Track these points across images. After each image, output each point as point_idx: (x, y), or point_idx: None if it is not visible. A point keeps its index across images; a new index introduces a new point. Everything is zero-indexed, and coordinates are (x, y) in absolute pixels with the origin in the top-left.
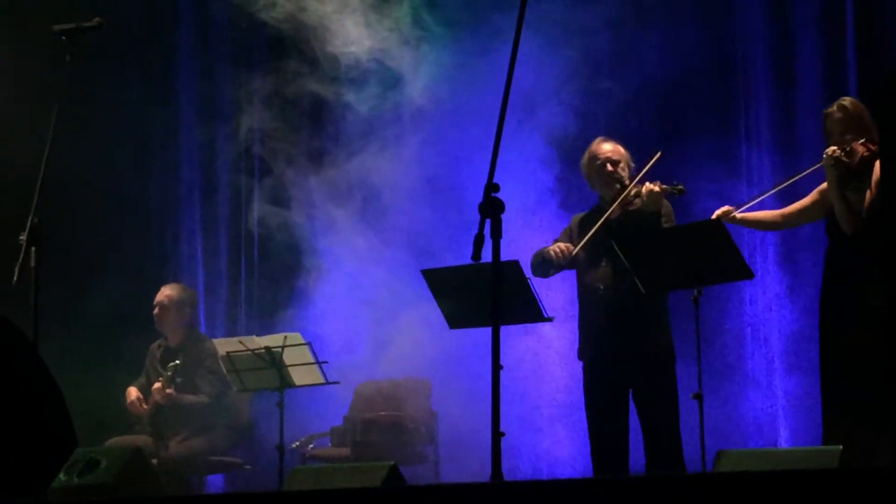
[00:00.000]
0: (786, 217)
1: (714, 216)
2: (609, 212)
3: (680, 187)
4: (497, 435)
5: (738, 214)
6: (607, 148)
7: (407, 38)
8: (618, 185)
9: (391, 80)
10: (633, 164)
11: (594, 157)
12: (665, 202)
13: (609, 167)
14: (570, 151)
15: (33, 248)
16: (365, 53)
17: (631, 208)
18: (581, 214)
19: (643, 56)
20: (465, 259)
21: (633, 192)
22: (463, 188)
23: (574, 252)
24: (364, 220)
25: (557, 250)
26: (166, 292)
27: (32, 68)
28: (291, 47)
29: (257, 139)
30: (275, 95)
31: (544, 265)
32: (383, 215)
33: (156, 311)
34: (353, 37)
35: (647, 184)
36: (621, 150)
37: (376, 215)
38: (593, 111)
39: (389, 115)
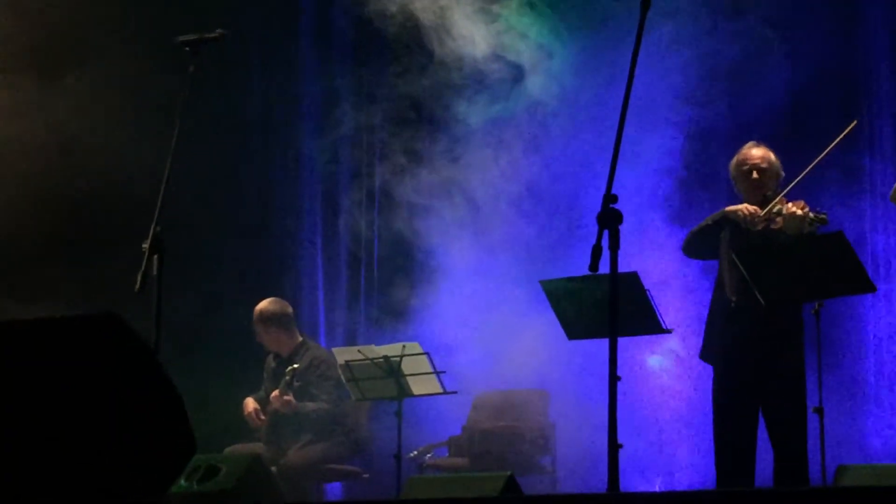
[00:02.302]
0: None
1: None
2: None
3: (823, 216)
4: (614, 446)
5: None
6: (756, 154)
7: (524, 40)
8: (761, 196)
9: (509, 84)
10: (782, 174)
11: (742, 162)
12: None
13: (755, 174)
14: (688, 163)
15: (155, 257)
16: (481, 58)
17: (773, 226)
18: None
19: (766, 67)
20: (575, 268)
21: (775, 209)
22: (574, 196)
23: (761, 218)
24: (478, 228)
25: (746, 211)
26: (259, 311)
27: (155, 79)
28: (410, 50)
29: (377, 149)
30: (394, 104)
31: (709, 234)
32: (497, 222)
33: (257, 327)
34: (470, 40)
35: (791, 204)
36: (771, 157)
37: (490, 222)
38: (712, 123)
39: (506, 120)
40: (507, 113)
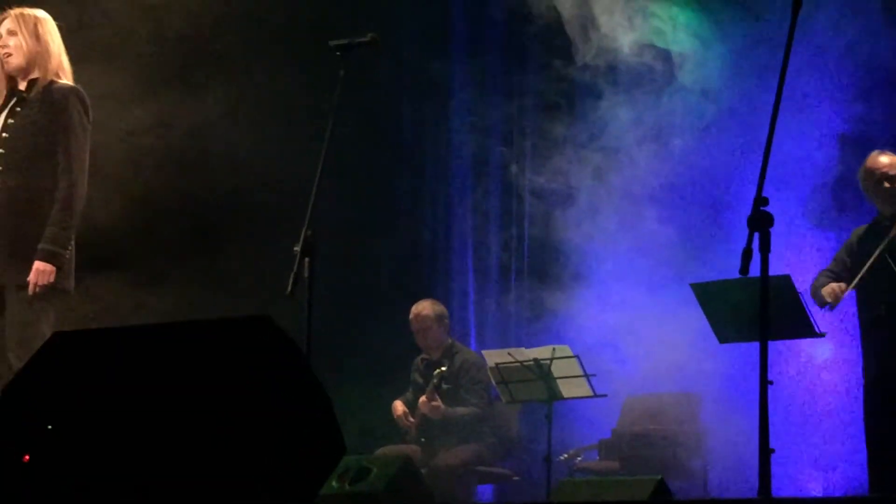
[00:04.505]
0: None
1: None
2: (892, 235)
3: None
4: (766, 451)
5: None
6: (884, 161)
7: (678, 33)
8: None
9: (660, 81)
10: None
11: (871, 172)
12: None
13: (886, 184)
14: (838, 167)
15: (307, 260)
16: (631, 51)
17: None
18: (861, 228)
19: None
20: (717, 268)
21: None
22: (717, 194)
23: (846, 291)
24: (625, 228)
25: (831, 293)
26: (424, 310)
27: (307, 82)
28: (559, 43)
29: (528, 152)
30: (544, 107)
31: (819, 302)
32: (642, 222)
33: (416, 327)
34: (621, 33)
35: None
36: None
37: (636, 222)
38: (866, 126)
39: (655, 116)
40: (656, 109)
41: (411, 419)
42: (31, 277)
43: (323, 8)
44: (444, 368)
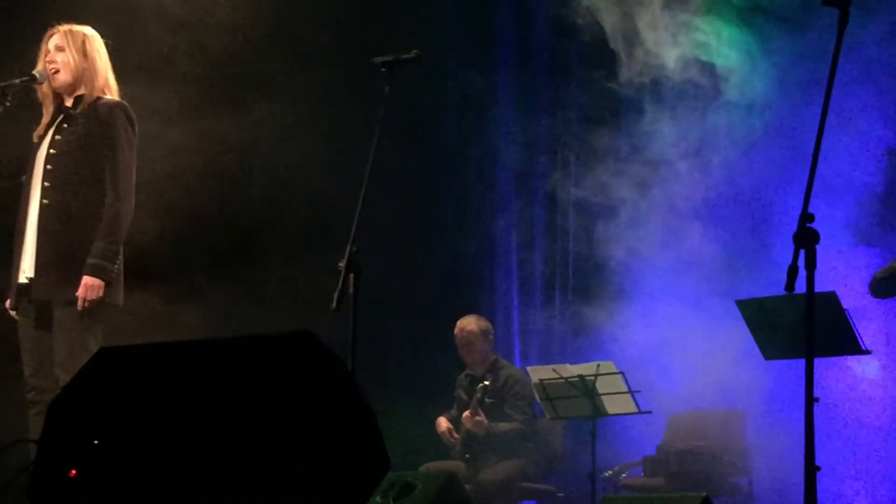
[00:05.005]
0: None
1: None
2: None
3: None
4: (811, 468)
5: None
6: None
7: (725, 47)
8: None
9: (704, 95)
10: None
11: None
12: None
13: None
14: (885, 182)
15: (351, 276)
16: (677, 65)
17: None
18: None
19: None
20: (762, 284)
21: None
22: (761, 209)
23: None
24: (669, 243)
25: None
26: (469, 325)
27: (348, 98)
28: (604, 61)
29: (573, 165)
30: (588, 121)
31: (892, 282)
32: (687, 236)
33: (460, 342)
34: (667, 47)
35: None
36: None
37: (680, 237)
38: None
39: (700, 131)
40: (701, 123)
41: (455, 435)
42: (80, 292)
43: (365, 24)
44: (486, 383)
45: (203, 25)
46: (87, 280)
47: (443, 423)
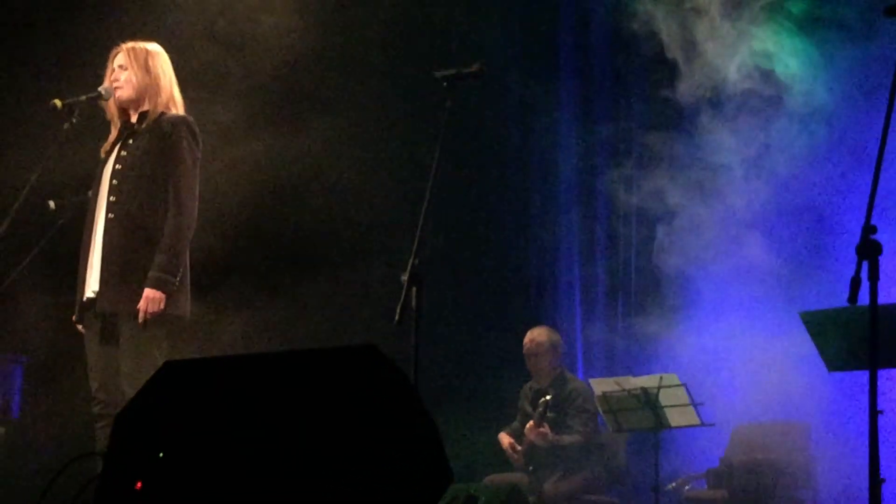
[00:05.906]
0: None
1: None
2: None
3: None
4: (876, 481)
5: None
6: None
7: (787, 56)
8: None
9: (765, 104)
10: None
11: None
12: None
13: None
14: None
15: (414, 289)
16: (739, 74)
17: None
18: None
19: None
20: (822, 295)
21: None
22: (821, 219)
23: None
24: (731, 252)
25: None
26: (539, 336)
27: (410, 111)
28: (664, 70)
29: (634, 175)
30: (649, 130)
31: None
32: (747, 246)
33: (529, 353)
34: (730, 56)
35: None
36: None
37: (741, 246)
38: None
39: (761, 140)
40: (762, 132)
41: (518, 448)
42: (141, 305)
43: (424, 37)
44: (548, 397)
45: (257, 43)
46: (147, 293)
47: (505, 439)
